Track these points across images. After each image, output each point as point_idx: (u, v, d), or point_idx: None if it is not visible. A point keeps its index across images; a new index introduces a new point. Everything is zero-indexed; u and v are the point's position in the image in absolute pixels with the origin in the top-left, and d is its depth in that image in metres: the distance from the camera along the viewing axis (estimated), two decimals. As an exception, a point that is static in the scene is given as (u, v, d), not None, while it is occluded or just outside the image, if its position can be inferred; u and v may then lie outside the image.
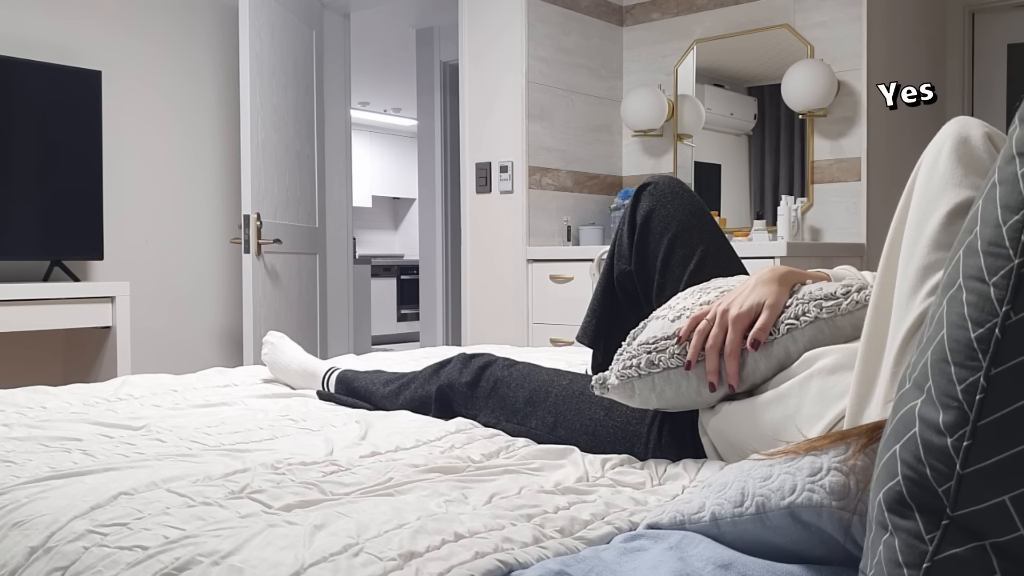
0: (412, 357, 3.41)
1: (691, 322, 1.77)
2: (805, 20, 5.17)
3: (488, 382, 2.20)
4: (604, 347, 2.32)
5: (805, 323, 1.70)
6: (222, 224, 5.90)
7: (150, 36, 5.55)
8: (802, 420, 1.58)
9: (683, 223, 2.17)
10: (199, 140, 5.81)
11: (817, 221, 5.13)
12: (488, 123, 5.37)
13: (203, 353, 5.80)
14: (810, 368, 1.63)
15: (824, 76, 4.91)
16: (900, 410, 0.89)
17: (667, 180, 2.24)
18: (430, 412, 2.29)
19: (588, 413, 1.98)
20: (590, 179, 5.72)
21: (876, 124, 5.03)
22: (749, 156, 5.50)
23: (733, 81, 5.60)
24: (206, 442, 1.99)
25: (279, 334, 2.98)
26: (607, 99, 5.84)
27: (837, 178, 5.07)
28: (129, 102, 5.44)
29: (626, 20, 5.96)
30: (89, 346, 4.97)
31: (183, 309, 5.73)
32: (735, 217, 5.48)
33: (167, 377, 2.94)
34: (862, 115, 4.97)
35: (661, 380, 1.77)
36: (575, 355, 3.30)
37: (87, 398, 2.58)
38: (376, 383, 2.52)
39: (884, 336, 1.30)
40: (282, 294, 5.57)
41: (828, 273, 1.85)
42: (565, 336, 5.00)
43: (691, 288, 1.94)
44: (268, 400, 2.58)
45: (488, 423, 2.15)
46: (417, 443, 1.96)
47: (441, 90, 8.15)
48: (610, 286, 2.31)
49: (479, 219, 5.42)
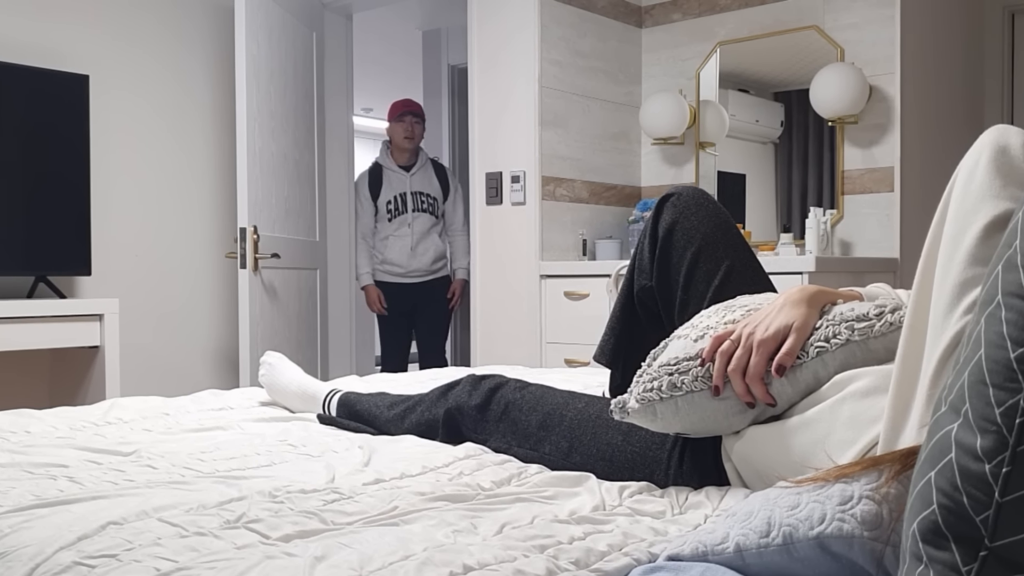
0: (418, 379, 3.41)
1: (714, 342, 1.77)
2: (835, 21, 5.18)
3: (499, 405, 2.20)
4: (623, 368, 2.32)
5: (836, 346, 1.70)
6: (217, 237, 5.92)
7: (140, 38, 5.57)
8: (833, 446, 1.58)
9: (708, 236, 2.17)
10: (193, 148, 5.82)
11: (848, 235, 5.12)
12: (499, 130, 5.38)
13: (197, 374, 5.81)
14: (842, 391, 1.63)
15: (855, 80, 4.91)
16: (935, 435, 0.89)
17: (691, 191, 2.25)
18: (437, 437, 2.29)
19: (605, 438, 1.98)
20: (607, 190, 5.72)
21: (910, 131, 5.03)
22: (776, 165, 5.50)
23: (759, 86, 5.60)
24: (200, 469, 2.00)
25: (277, 354, 2.99)
26: (625, 105, 5.84)
27: (869, 189, 5.06)
28: (118, 108, 5.46)
29: (645, 21, 5.96)
30: (76, 367, 4.97)
31: (175, 327, 5.74)
32: (761, 230, 5.48)
33: (158, 400, 2.94)
34: (895, 122, 4.97)
35: (685, 404, 1.77)
36: (591, 376, 3.30)
37: (74, 422, 2.58)
38: (380, 406, 2.52)
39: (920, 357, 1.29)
40: (280, 312, 5.58)
41: (860, 292, 1.85)
42: (581, 356, 5.00)
43: (716, 306, 1.94)
44: (266, 424, 2.58)
45: (499, 448, 2.15)
46: (423, 470, 1.96)
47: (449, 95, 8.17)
48: (629, 303, 2.31)
49: (489, 232, 5.43)
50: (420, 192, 6.52)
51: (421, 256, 6.50)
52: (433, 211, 6.54)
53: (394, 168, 6.53)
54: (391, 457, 2.08)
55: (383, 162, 6.59)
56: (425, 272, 6.54)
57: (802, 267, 4.41)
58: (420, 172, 6.56)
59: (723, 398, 1.75)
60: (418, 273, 6.52)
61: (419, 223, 6.49)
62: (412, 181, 6.51)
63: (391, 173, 6.53)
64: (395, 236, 6.48)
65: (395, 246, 6.49)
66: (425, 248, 6.51)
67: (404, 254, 6.48)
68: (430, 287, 6.57)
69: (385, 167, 6.56)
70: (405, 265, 6.49)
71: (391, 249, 6.49)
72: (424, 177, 6.58)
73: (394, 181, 6.52)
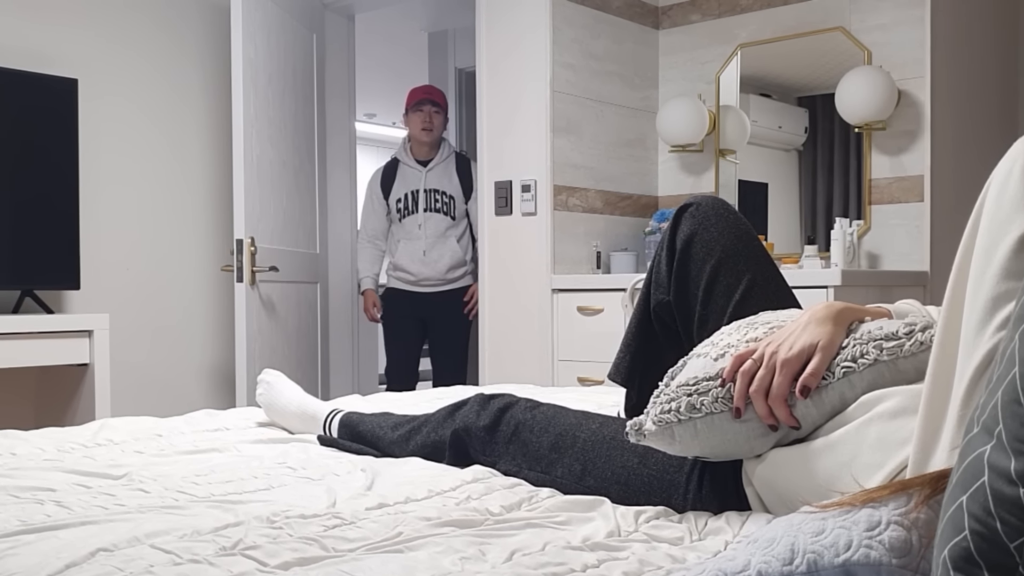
0: (424, 398, 3.42)
1: (735, 361, 1.77)
2: (862, 22, 5.18)
3: (509, 426, 2.21)
4: (639, 387, 2.32)
5: (863, 366, 1.69)
6: (212, 250, 5.93)
7: (132, 40, 5.59)
8: (859, 469, 1.58)
9: (728, 248, 2.17)
10: (187, 156, 5.83)
11: (875, 247, 5.12)
12: (508, 137, 5.39)
13: (191, 393, 5.81)
14: (869, 412, 1.63)
15: (883, 85, 4.90)
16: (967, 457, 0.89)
17: (710, 201, 2.25)
18: (444, 459, 2.30)
19: (620, 460, 1.98)
20: (622, 200, 5.72)
21: (941, 138, 5.02)
22: (799, 174, 5.50)
23: (781, 90, 5.60)
24: (194, 492, 2.00)
25: (276, 372, 3.00)
26: (641, 110, 5.85)
27: (898, 199, 5.06)
28: (109, 114, 5.47)
29: (662, 22, 5.97)
30: (64, 385, 4.98)
31: (169, 344, 5.74)
32: (784, 242, 5.48)
33: (151, 420, 2.95)
34: (925, 128, 4.97)
35: (704, 426, 1.76)
36: (606, 396, 3.30)
37: (62, 443, 2.59)
38: (384, 427, 2.52)
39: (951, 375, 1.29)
40: (279, 327, 5.58)
41: (889, 309, 1.84)
42: (595, 374, 5.00)
43: (737, 322, 1.94)
44: (263, 446, 2.59)
45: (509, 471, 2.15)
46: (429, 493, 1.96)
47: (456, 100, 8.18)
48: (646, 319, 2.31)
49: (498, 244, 5.43)
50: (434, 190, 6.19)
51: (434, 263, 6.16)
52: (449, 211, 6.19)
53: (410, 163, 6.28)
54: (395, 480, 2.08)
55: (400, 157, 6.36)
56: (439, 281, 6.20)
57: (827, 281, 4.41)
58: (439, 167, 6.26)
59: (744, 420, 1.75)
60: (431, 282, 6.20)
61: (431, 224, 6.16)
62: (427, 177, 6.21)
63: (406, 169, 6.28)
64: (406, 239, 6.21)
65: (405, 250, 6.21)
66: (439, 253, 6.16)
67: (415, 260, 6.17)
68: (445, 299, 6.23)
69: (402, 162, 6.32)
70: (416, 272, 6.18)
71: (401, 253, 6.22)
72: (442, 173, 6.26)
73: (408, 177, 6.26)
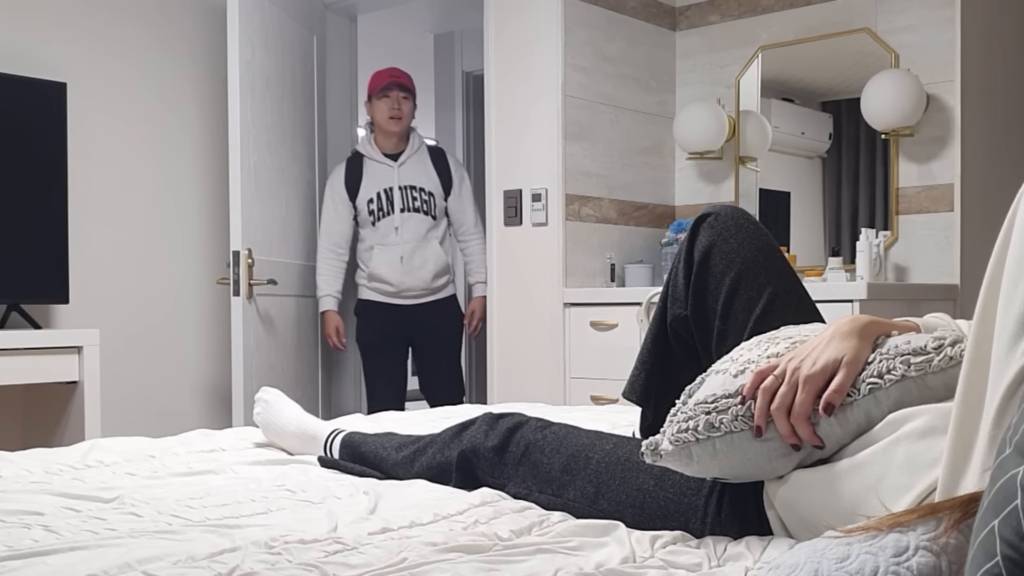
0: (429, 417, 3.43)
1: (755, 378, 1.77)
2: (889, 23, 5.18)
3: (518, 446, 2.21)
4: (655, 406, 2.32)
5: (890, 382, 1.69)
6: (207, 262, 5.93)
7: (123, 42, 5.59)
8: (886, 491, 1.58)
9: (748, 260, 2.17)
10: (181, 163, 5.84)
11: (903, 258, 5.12)
12: (518, 144, 5.39)
13: (185, 412, 5.81)
14: (896, 432, 1.63)
15: (911, 89, 4.90)
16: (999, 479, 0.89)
17: (729, 210, 2.25)
18: (450, 481, 2.30)
19: (635, 483, 1.98)
20: (637, 209, 5.73)
21: (972, 145, 5.02)
22: (823, 182, 5.50)
23: (805, 94, 5.60)
24: (189, 516, 2.00)
25: (274, 390, 3.00)
26: (657, 116, 5.85)
27: (926, 208, 5.06)
28: (99, 120, 5.48)
29: (679, 23, 5.98)
30: (52, 404, 4.97)
31: (162, 361, 5.74)
32: (807, 254, 5.48)
33: (143, 441, 2.96)
34: (955, 134, 4.96)
35: (723, 445, 1.76)
36: (620, 415, 3.30)
37: (50, 465, 2.59)
38: (387, 448, 2.53)
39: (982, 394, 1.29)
40: (278, 343, 5.58)
41: (917, 323, 1.84)
42: (608, 393, 5.00)
43: (757, 337, 1.94)
44: (261, 467, 2.59)
45: (518, 494, 2.15)
46: (435, 518, 1.97)
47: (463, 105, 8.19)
48: (662, 334, 2.31)
49: (507, 256, 5.44)
50: (411, 186, 5.77)
51: (417, 270, 5.74)
52: (430, 210, 5.78)
53: (377, 157, 5.82)
54: (400, 504, 2.08)
55: (364, 151, 5.90)
56: (424, 291, 5.80)
57: (852, 294, 4.40)
58: (412, 161, 5.83)
59: (766, 439, 1.75)
60: (414, 292, 5.79)
61: (411, 226, 5.74)
62: (401, 173, 5.78)
63: (374, 164, 5.83)
64: (382, 245, 5.74)
65: (382, 257, 5.74)
66: (422, 259, 5.75)
67: (394, 268, 5.72)
68: (432, 311, 5.86)
69: (367, 157, 5.86)
70: (396, 282, 5.74)
71: (378, 261, 5.74)
72: (417, 167, 5.84)
73: (378, 174, 5.79)
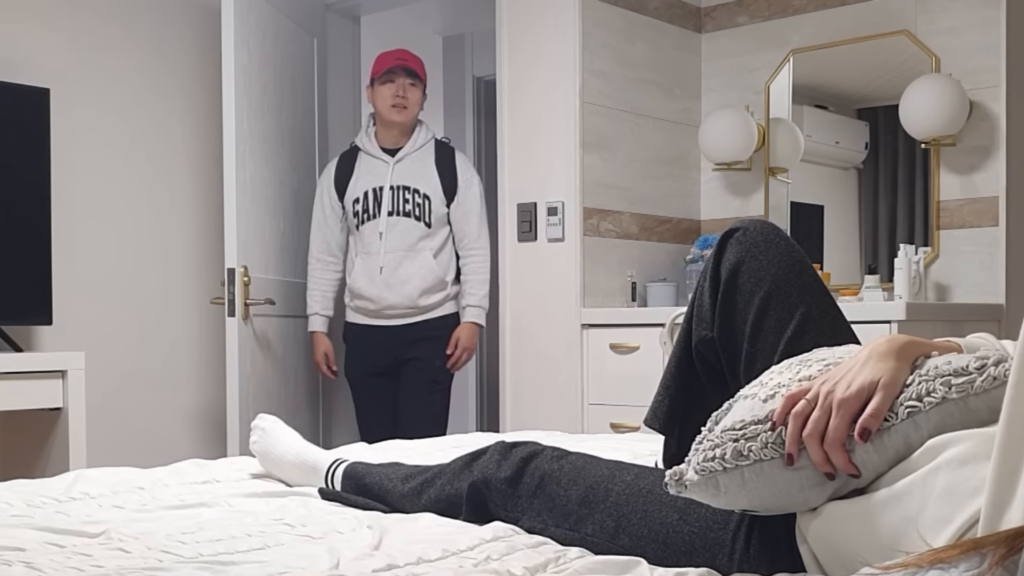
0: (438, 446, 3.43)
1: (786, 402, 1.77)
2: (929, 25, 5.17)
3: (533, 477, 2.21)
4: (679, 433, 2.32)
5: (930, 405, 1.69)
6: (200, 280, 5.94)
7: (110, 46, 5.60)
8: (926, 524, 1.57)
9: (779, 279, 2.17)
10: (172, 175, 5.85)
11: (944, 276, 5.11)
12: (533, 154, 5.39)
13: (176, 441, 5.81)
14: (936, 459, 1.63)
15: (953, 95, 4.90)
16: (1046, 511, 0.90)
17: (758, 225, 2.25)
18: (460, 515, 2.30)
19: (658, 516, 1.98)
20: (660, 224, 5.73)
21: (1018, 155, 5.01)
22: (859, 195, 5.50)
23: (839, 101, 5.61)
24: (180, 553, 2.01)
25: (271, 418, 3.01)
26: (681, 124, 5.86)
27: (969, 223, 5.05)
28: (85, 129, 5.48)
29: (705, 25, 5.98)
30: (34, 432, 4.98)
31: (151, 386, 5.75)
32: (841, 271, 5.47)
33: (131, 471, 2.96)
34: (1000, 144, 4.95)
35: (753, 475, 1.76)
36: (642, 444, 3.30)
37: (32, 497, 2.60)
38: (393, 479, 2.53)
39: (1028, 419, 1.30)
40: (276, 367, 5.59)
41: (959, 343, 1.84)
42: (629, 420, 4.99)
43: (788, 360, 1.94)
44: (258, 500, 2.59)
45: (533, 528, 2.15)
46: (444, 554, 1.97)
47: (474, 112, 8.19)
48: (687, 357, 2.32)
49: (521, 273, 5.44)
50: (404, 187, 5.37)
51: (400, 285, 5.31)
52: (422, 215, 5.34)
53: (374, 152, 5.49)
54: (406, 539, 2.08)
55: (362, 144, 5.57)
56: (409, 310, 5.37)
57: (890, 315, 4.40)
58: (411, 158, 5.47)
59: (798, 468, 1.74)
60: (397, 311, 5.37)
61: (397, 233, 5.33)
62: (395, 171, 5.41)
63: (369, 159, 5.49)
64: (364, 254, 5.39)
65: (363, 268, 5.38)
66: (407, 272, 5.32)
67: (373, 280, 5.34)
68: (419, 335, 5.40)
69: (363, 151, 5.54)
70: (376, 298, 5.35)
71: (358, 273, 5.39)
72: (416, 165, 5.46)
73: (371, 170, 5.45)
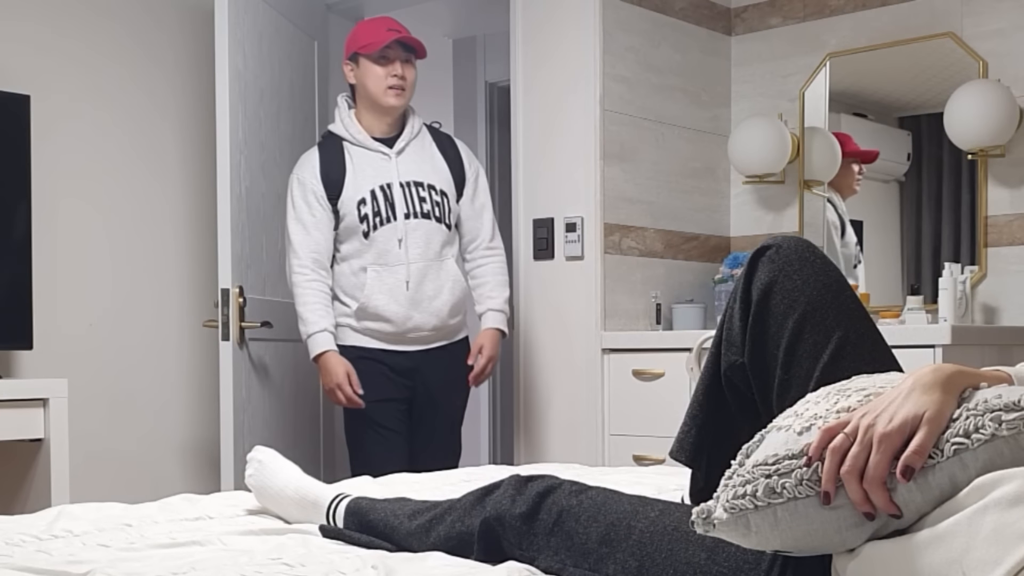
0: (448, 480, 3.43)
1: (823, 436, 1.76)
2: (976, 27, 5.17)
3: (550, 513, 2.21)
4: (707, 467, 2.32)
5: (978, 442, 1.69)
6: (192, 301, 5.94)
7: (96, 50, 5.61)
8: (971, 567, 1.57)
9: (814, 300, 2.18)
10: (162, 189, 5.86)
11: (993, 297, 5.10)
12: (550, 165, 5.40)
13: (166, 474, 5.81)
14: (984, 498, 1.62)
15: (1001, 102, 4.90)
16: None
17: (792, 242, 2.25)
18: (472, 554, 2.30)
19: (684, 555, 1.98)
20: (687, 241, 5.73)
21: (1075, 166, 5.02)
22: (901, 210, 5.50)
23: (879, 109, 5.61)
24: (172, 594, 2.02)
25: (269, 450, 3.01)
26: (710, 133, 5.86)
27: (1019, 239, 5.04)
28: (68, 138, 5.49)
29: (736, 27, 5.98)
30: (13, 464, 4.98)
31: (139, 415, 5.75)
32: (882, 292, 5.46)
33: (118, 507, 2.97)
34: (1055, 154, 4.97)
35: (786, 514, 1.76)
36: (667, 477, 3.31)
37: (10, 535, 2.60)
38: (399, 515, 2.53)
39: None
40: (273, 395, 5.59)
41: (1009, 372, 1.84)
42: (654, 452, 4.99)
43: (825, 389, 1.94)
44: (254, 538, 2.60)
45: (550, 568, 2.16)
46: (454, 596, 1.97)
47: (486, 120, 8.19)
48: (715, 384, 2.31)
49: (537, 294, 5.44)
50: (416, 183, 4.82)
51: (430, 301, 4.81)
52: (443, 216, 4.84)
53: (366, 143, 4.87)
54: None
55: (344, 132, 4.92)
56: (435, 332, 4.88)
57: (934, 339, 4.40)
58: (413, 148, 4.91)
59: (835, 507, 1.74)
60: (422, 334, 4.85)
61: (420, 238, 4.79)
62: (400, 164, 4.84)
63: (362, 152, 4.86)
64: (380, 266, 4.77)
65: (381, 283, 4.77)
66: (436, 286, 4.82)
67: (398, 298, 4.76)
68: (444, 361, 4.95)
69: (350, 143, 4.89)
70: (400, 319, 4.78)
71: (374, 288, 4.77)
72: (422, 156, 4.93)
73: (373, 165, 4.84)
